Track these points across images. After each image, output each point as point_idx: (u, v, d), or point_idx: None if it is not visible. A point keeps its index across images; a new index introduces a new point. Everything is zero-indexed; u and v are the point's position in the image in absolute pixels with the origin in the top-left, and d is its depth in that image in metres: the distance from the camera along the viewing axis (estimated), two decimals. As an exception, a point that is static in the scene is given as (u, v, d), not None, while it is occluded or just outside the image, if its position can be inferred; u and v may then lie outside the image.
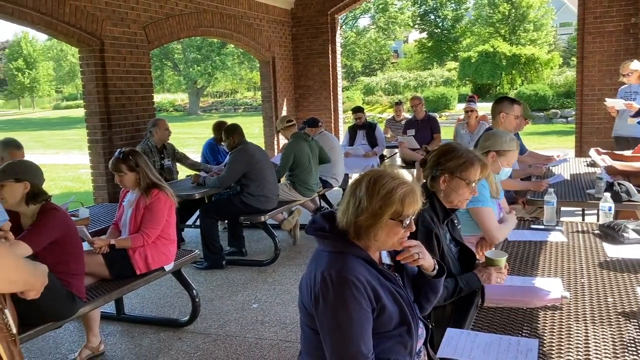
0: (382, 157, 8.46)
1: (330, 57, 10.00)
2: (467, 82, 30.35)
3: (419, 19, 38.23)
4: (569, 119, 21.52)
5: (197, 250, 4.34)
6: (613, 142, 6.56)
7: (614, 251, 2.88)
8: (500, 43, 29.57)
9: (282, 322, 4.14)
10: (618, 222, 3.15)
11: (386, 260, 2.08)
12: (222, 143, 5.90)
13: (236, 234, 5.77)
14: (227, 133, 5.47)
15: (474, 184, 2.56)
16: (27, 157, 4.14)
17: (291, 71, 10.10)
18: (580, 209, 5.61)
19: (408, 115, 9.20)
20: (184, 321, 4.16)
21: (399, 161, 8.94)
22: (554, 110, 22.18)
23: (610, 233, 3.10)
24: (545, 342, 1.97)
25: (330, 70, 10.04)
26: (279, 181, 5.93)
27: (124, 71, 6.35)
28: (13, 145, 4.37)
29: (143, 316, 4.39)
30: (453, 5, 37.40)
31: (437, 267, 2.07)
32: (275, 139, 9.71)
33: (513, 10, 34.22)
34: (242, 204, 5.36)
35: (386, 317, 1.86)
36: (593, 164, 5.62)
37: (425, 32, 38.40)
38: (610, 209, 3.30)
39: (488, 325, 2.13)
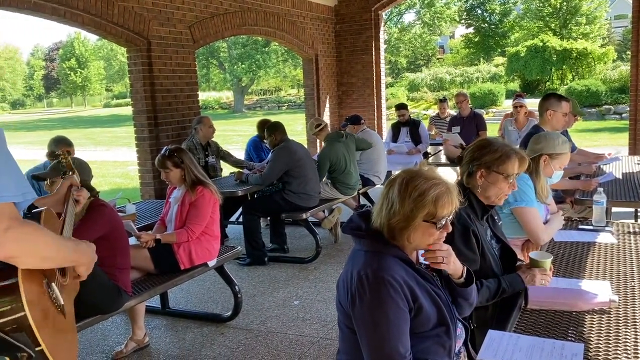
0: (425, 155, 8.37)
1: (373, 53, 9.94)
2: (515, 77, 29.68)
3: (465, 13, 37.60)
4: (622, 115, 20.76)
5: (239, 247, 4.40)
6: None
7: (665, 254, 2.76)
8: (550, 37, 28.77)
9: (323, 319, 4.15)
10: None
11: (422, 260, 2.06)
12: (265, 140, 5.95)
13: (278, 231, 5.81)
14: (269, 131, 5.51)
15: (512, 179, 2.49)
16: (78, 154, 4.28)
17: (334, 68, 10.09)
18: (633, 209, 5.39)
19: (453, 112, 9.06)
20: (227, 316, 4.22)
21: (443, 159, 8.82)
22: (607, 107, 21.41)
23: None
24: (591, 347, 1.90)
25: (374, 67, 9.98)
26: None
27: (170, 70, 6.48)
28: (63, 143, 4.52)
29: (187, 310, 4.48)
30: (501, -1, 36.62)
31: (465, 274, 2.03)
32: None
33: (564, 3, 33.21)
34: (283, 201, 5.39)
35: (424, 317, 1.84)
36: (646, 163, 5.41)
37: (472, 27, 37.73)
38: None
39: (531, 327, 2.08)
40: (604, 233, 3.17)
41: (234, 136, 20.06)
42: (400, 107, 8.39)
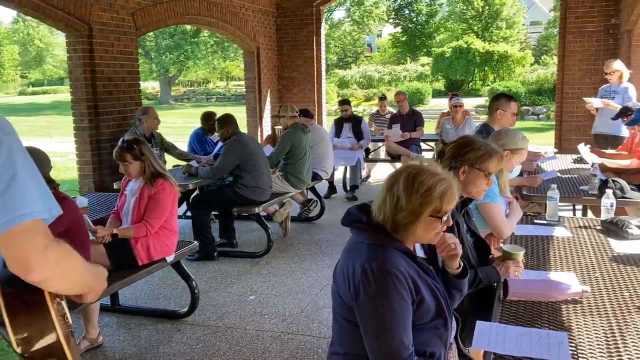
0: (367, 151, 8.50)
1: (315, 49, 9.97)
2: (440, 77, 30.69)
3: (393, 13, 38.41)
4: (540, 116, 22.00)
5: (195, 242, 4.30)
6: (592, 139, 6.72)
7: (620, 247, 2.96)
8: (473, 39, 29.95)
9: (282, 314, 4.14)
10: (621, 218, 3.23)
11: (419, 253, 2.10)
12: (216, 133, 5.83)
13: (228, 225, 5.73)
14: (221, 123, 5.42)
15: (491, 176, 2.60)
16: None
17: (275, 62, 10.04)
18: (570, 205, 5.73)
19: (392, 110, 9.26)
20: (183, 313, 4.12)
21: (382, 154, 9.01)
22: (525, 107, 22.57)
23: (614, 229, 3.18)
24: (573, 334, 2.01)
25: (315, 62, 10.02)
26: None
27: (111, 58, 6.22)
28: None
29: (139, 307, 4.34)
30: (427, 0, 37.66)
31: (461, 266, 2.10)
32: (259, 129, 9.65)
33: (486, 7, 34.68)
34: (235, 195, 5.32)
35: (424, 309, 1.88)
36: (580, 161, 5.75)
37: (400, 27, 38.61)
38: (612, 205, 3.39)
39: (514, 318, 2.17)
40: (559, 227, 3.36)
41: (162, 127, 19.43)
42: (343, 102, 8.48)
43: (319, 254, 5.48)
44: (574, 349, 1.91)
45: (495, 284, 2.51)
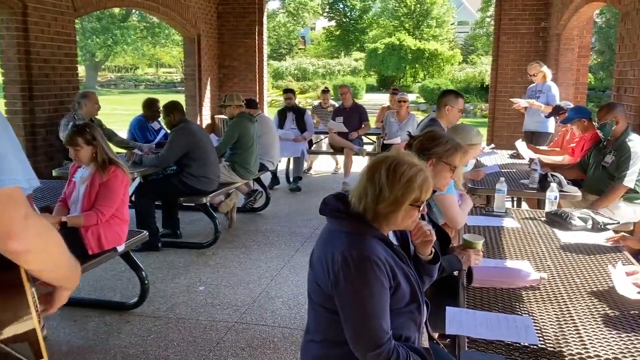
0: (310, 143, 8.54)
1: (257, 38, 9.89)
2: (372, 72, 31.21)
3: (328, 7, 38.60)
4: (468, 113, 22.79)
5: (145, 232, 4.19)
6: (522, 136, 7.08)
7: (565, 237, 3.15)
8: (405, 37, 30.64)
9: (234, 304, 4.11)
10: (564, 210, 3.44)
11: (392, 240, 2.16)
12: (161, 120, 5.68)
13: (171, 215, 5.60)
14: (167, 110, 5.28)
15: (457, 169, 2.70)
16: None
17: (216, 50, 9.87)
18: (510, 197, 5.99)
19: (334, 102, 9.34)
20: (131, 304, 4.01)
21: (324, 147, 9.08)
22: (455, 105, 23.32)
23: (558, 220, 3.38)
24: (536, 318, 2.13)
25: (257, 52, 9.94)
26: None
27: (48, 38, 5.91)
28: None
29: (83, 299, 4.16)
30: (361, -4, 38.15)
31: (433, 252, 2.18)
32: (199, 118, 9.47)
33: (418, 6, 35.51)
34: (182, 185, 5.21)
35: (400, 294, 1.94)
36: (516, 156, 6.04)
37: (334, 21, 38.86)
38: (556, 198, 3.59)
39: (479, 304, 2.27)
40: (507, 218, 3.53)
41: (91, 114, 18.67)
42: (287, 91, 8.48)
43: (267, 245, 5.47)
44: (538, 331, 2.02)
45: (457, 272, 2.62)
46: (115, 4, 7.28)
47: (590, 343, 1.92)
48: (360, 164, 9.05)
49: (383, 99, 22.45)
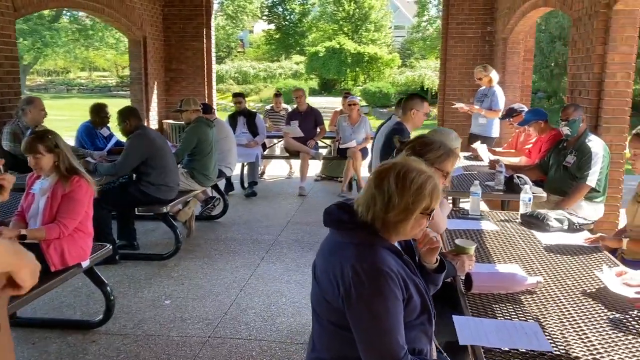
0: (264, 147, 8.40)
1: (205, 41, 9.65)
2: (314, 76, 31.27)
3: (267, 10, 38.43)
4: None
5: (109, 245, 3.96)
6: (467, 138, 7.23)
7: (545, 238, 3.19)
8: (346, 40, 30.90)
9: (205, 318, 3.93)
10: (540, 212, 3.48)
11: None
12: (116, 126, 5.40)
13: (128, 226, 5.33)
14: (122, 116, 5.02)
15: (449, 175, 2.67)
16: None
17: (162, 53, 9.56)
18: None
19: (286, 106, 9.24)
20: (96, 322, 3.77)
21: (278, 151, 8.96)
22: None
23: (535, 222, 3.41)
24: (541, 323, 2.12)
25: (205, 55, 9.70)
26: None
27: (-13, 40, 5.51)
28: None
29: (40, 319, 3.89)
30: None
31: (438, 260, 2.14)
32: (146, 123, 9.13)
33: (357, 10, 35.91)
34: (140, 194, 4.97)
35: (412, 306, 1.88)
36: (474, 158, 6.13)
37: (273, 24, 38.72)
38: (530, 200, 3.64)
39: (482, 311, 2.24)
40: (484, 221, 3.54)
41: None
42: (237, 95, 8.32)
43: (230, 254, 5.30)
44: (548, 337, 2.01)
45: (452, 278, 2.58)
46: (57, 4, 6.91)
47: (603, 348, 1.92)
48: (315, 168, 9.01)
49: (325, 102, 22.53)
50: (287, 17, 38.40)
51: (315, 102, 24.93)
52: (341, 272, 1.81)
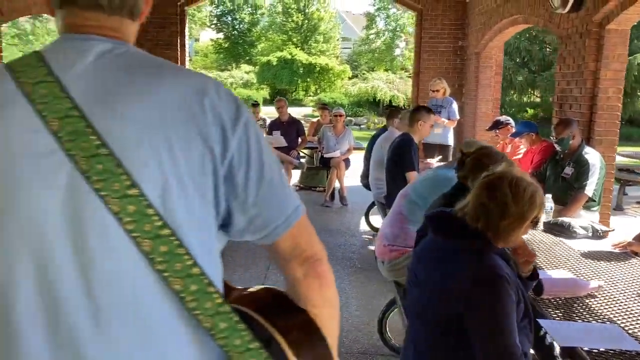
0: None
1: (179, 50, 9.52)
2: (264, 85, 31.25)
3: (215, 19, 38.13)
4: (361, 126, 23.58)
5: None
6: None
7: (575, 245, 3.36)
8: (297, 51, 31.09)
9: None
10: (563, 219, 3.67)
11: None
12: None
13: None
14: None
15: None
16: None
17: (134, 61, 9.34)
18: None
19: (264, 116, 9.23)
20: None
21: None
22: (349, 118, 24.08)
23: (560, 230, 3.59)
24: (620, 326, 2.25)
25: (179, 64, 9.53)
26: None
27: (-27, 45, 5.26)
28: None
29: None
30: (250, 9, 38.11)
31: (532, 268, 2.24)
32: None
33: (305, 21, 36.19)
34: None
35: (520, 309, 1.96)
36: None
37: (222, 33, 38.44)
38: (551, 208, 3.81)
39: (558, 315, 2.35)
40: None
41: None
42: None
43: (234, 265, 5.25)
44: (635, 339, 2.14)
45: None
46: (40, 10, 6.65)
47: (688, 345, 2.06)
48: (294, 178, 9.02)
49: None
50: (237, 27, 38.22)
51: (270, 111, 24.93)
52: (459, 278, 1.88)
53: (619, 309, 2.39)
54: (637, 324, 2.25)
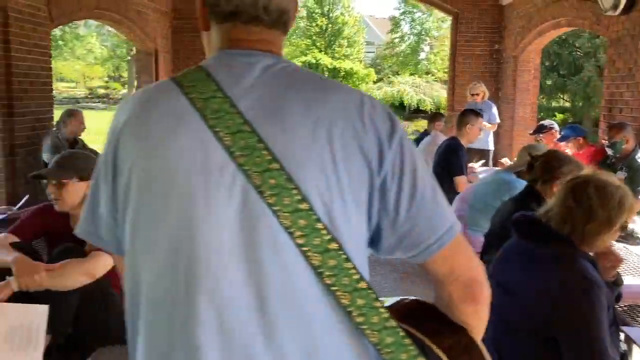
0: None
1: (213, 56, 9.60)
2: (291, 91, 31.30)
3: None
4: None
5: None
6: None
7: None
8: (322, 55, 31.14)
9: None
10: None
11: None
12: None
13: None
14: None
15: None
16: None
17: (171, 66, 9.45)
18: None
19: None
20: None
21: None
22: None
23: (623, 237, 3.53)
24: None
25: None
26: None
27: (26, 51, 5.36)
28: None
29: None
30: (274, 14, 38.28)
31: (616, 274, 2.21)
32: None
33: (330, 26, 36.23)
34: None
35: (608, 315, 1.93)
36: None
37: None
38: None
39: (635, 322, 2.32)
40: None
41: None
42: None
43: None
44: None
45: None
46: (85, 15, 6.78)
47: None
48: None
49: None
50: (261, 32, 38.40)
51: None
52: (550, 284, 1.86)
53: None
54: None
